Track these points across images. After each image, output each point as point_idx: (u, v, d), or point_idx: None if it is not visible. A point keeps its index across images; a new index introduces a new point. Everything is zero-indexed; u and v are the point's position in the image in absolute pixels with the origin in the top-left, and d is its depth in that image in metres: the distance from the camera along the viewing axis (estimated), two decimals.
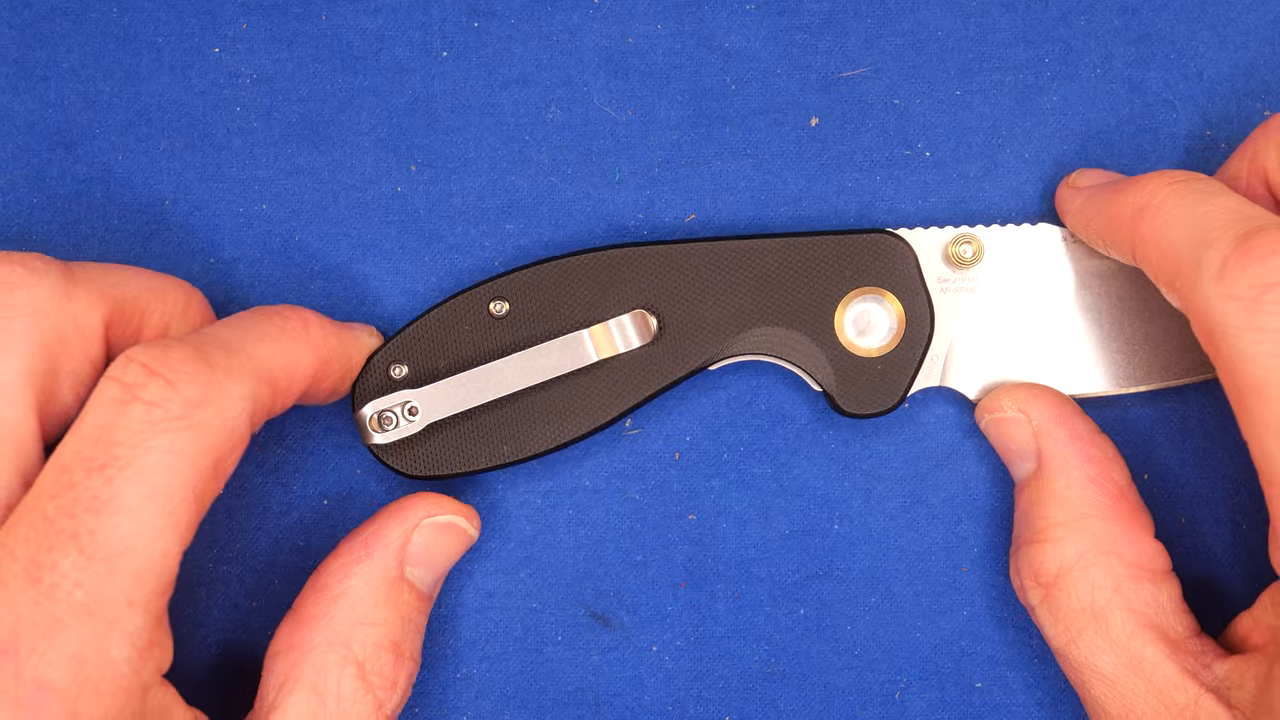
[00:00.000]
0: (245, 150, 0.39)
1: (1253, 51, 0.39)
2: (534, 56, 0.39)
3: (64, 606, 0.29)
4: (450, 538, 0.36)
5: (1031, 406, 0.36)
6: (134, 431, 0.30)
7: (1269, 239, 0.30)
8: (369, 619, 0.34)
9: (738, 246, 0.37)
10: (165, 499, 0.29)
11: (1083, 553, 0.35)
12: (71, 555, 0.29)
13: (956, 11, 0.39)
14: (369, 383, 0.37)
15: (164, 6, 0.39)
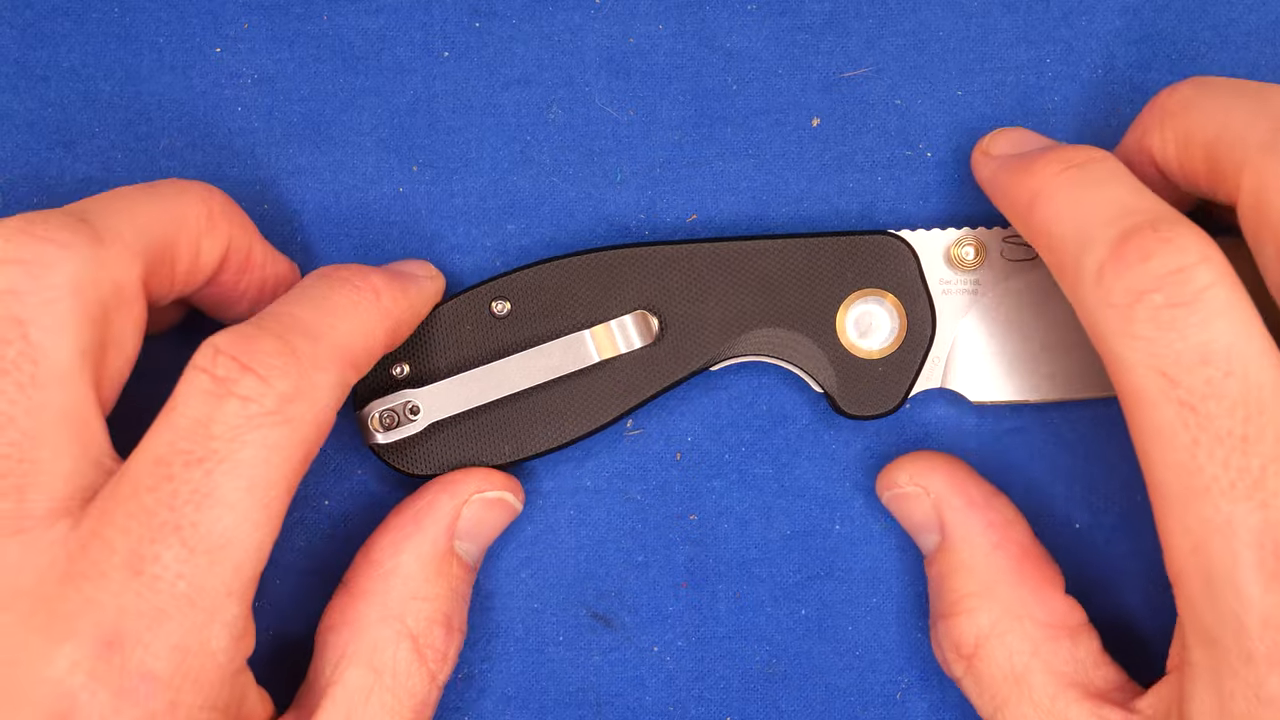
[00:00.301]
0: (246, 150, 0.39)
1: (1254, 52, 0.39)
2: (535, 57, 0.39)
3: (167, 598, 0.29)
4: (498, 512, 0.37)
5: (927, 479, 0.36)
6: (230, 426, 0.30)
7: (1143, 241, 0.30)
8: (421, 593, 0.35)
9: (739, 247, 0.37)
10: (262, 492, 0.30)
11: (996, 621, 0.34)
12: (174, 547, 0.29)
13: (958, 12, 0.39)
14: (370, 381, 0.37)
15: (165, 6, 0.39)
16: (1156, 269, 0.29)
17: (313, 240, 0.39)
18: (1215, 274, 0.29)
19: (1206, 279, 0.29)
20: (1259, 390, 0.29)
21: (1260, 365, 0.29)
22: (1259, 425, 0.29)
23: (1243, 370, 0.29)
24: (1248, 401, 0.29)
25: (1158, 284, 0.29)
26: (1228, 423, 0.29)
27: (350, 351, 0.33)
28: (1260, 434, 0.29)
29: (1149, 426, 0.30)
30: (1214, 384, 0.29)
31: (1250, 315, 0.29)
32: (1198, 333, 0.29)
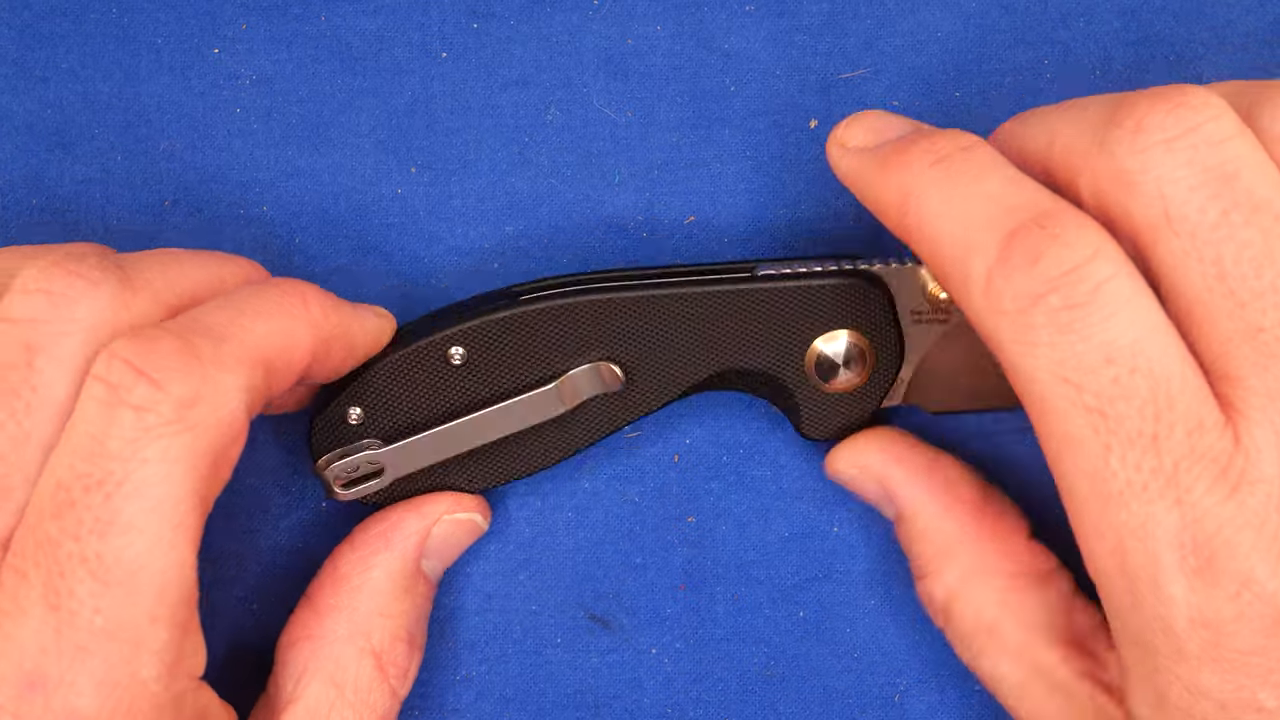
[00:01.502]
0: (245, 152, 0.39)
1: (1252, 54, 0.39)
2: (533, 58, 0.39)
3: (86, 634, 0.28)
4: (465, 531, 0.37)
5: (865, 457, 0.36)
6: (126, 441, 0.28)
7: (1030, 241, 0.28)
8: (387, 611, 0.35)
9: (705, 294, 0.36)
10: (170, 510, 0.29)
11: (962, 577, 0.35)
12: (85, 581, 0.28)
13: (956, 13, 0.39)
14: (326, 428, 0.36)
15: (163, 7, 0.39)
16: (1048, 270, 0.28)
17: (310, 242, 0.39)
18: (1112, 266, 0.28)
19: (1103, 273, 0.28)
20: (1166, 384, 0.28)
21: (1165, 357, 0.28)
22: (1168, 422, 0.28)
23: (1148, 365, 0.28)
24: (1156, 398, 0.28)
25: (1051, 286, 0.28)
26: (1138, 423, 0.28)
27: (262, 353, 0.31)
28: (1170, 430, 0.28)
29: (1058, 435, 0.29)
30: (1121, 383, 0.28)
31: (1151, 303, 0.28)
32: (1100, 332, 0.28)
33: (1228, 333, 0.28)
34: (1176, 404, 0.28)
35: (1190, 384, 0.28)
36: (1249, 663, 0.28)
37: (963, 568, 0.35)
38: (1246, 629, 0.28)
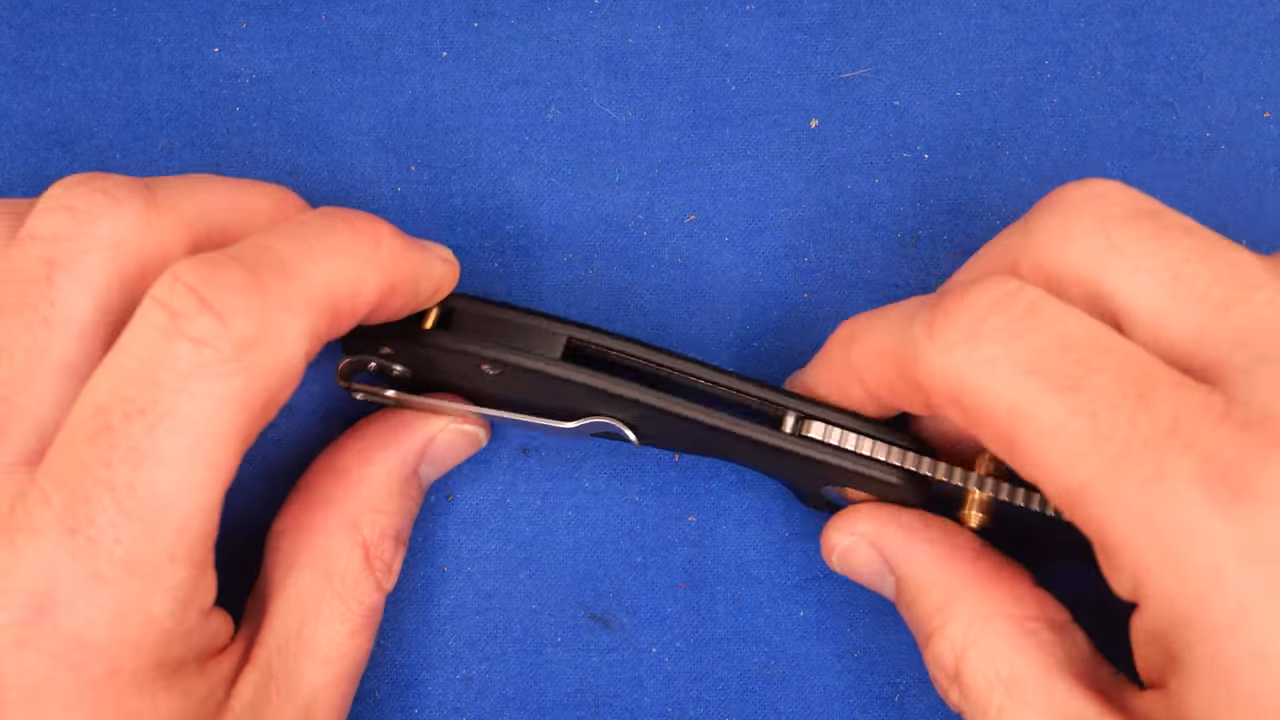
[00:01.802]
0: (245, 150, 0.39)
1: (1253, 53, 0.39)
2: (534, 57, 0.39)
3: (103, 562, 0.27)
4: (467, 443, 0.37)
5: (857, 526, 0.35)
6: (179, 374, 0.27)
7: (955, 295, 0.29)
8: (382, 507, 0.35)
9: (744, 439, 0.35)
10: (209, 448, 0.27)
11: (968, 628, 0.32)
12: (110, 510, 0.27)
13: (957, 12, 0.39)
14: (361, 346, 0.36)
15: (163, 6, 0.39)
16: (981, 299, 0.28)
17: None
18: (1039, 290, 0.28)
19: (1034, 293, 0.28)
20: (1136, 357, 0.27)
21: (1123, 342, 0.28)
22: (1151, 381, 0.27)
23: (1109, 344, 0.28)
24: (1129, 366, 0.27)
25: (990, 309, 0.28)
26: (1118, 387, 0.27)
27: (330, 297, 0.30)
28: (1155, 387, 0.27)
29: (1040, 434, 0.27)
30: (1087, 362, 0.27)
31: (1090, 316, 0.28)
32: (1051, 328, 0.28)
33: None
34: (1152, 369, 0.27)
35: (1158, 362, 0.28)
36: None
37: (969, 614, 0.32)
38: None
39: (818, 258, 0.39)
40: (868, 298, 0.39)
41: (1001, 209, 0.39)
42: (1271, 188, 0.39)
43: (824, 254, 0.39)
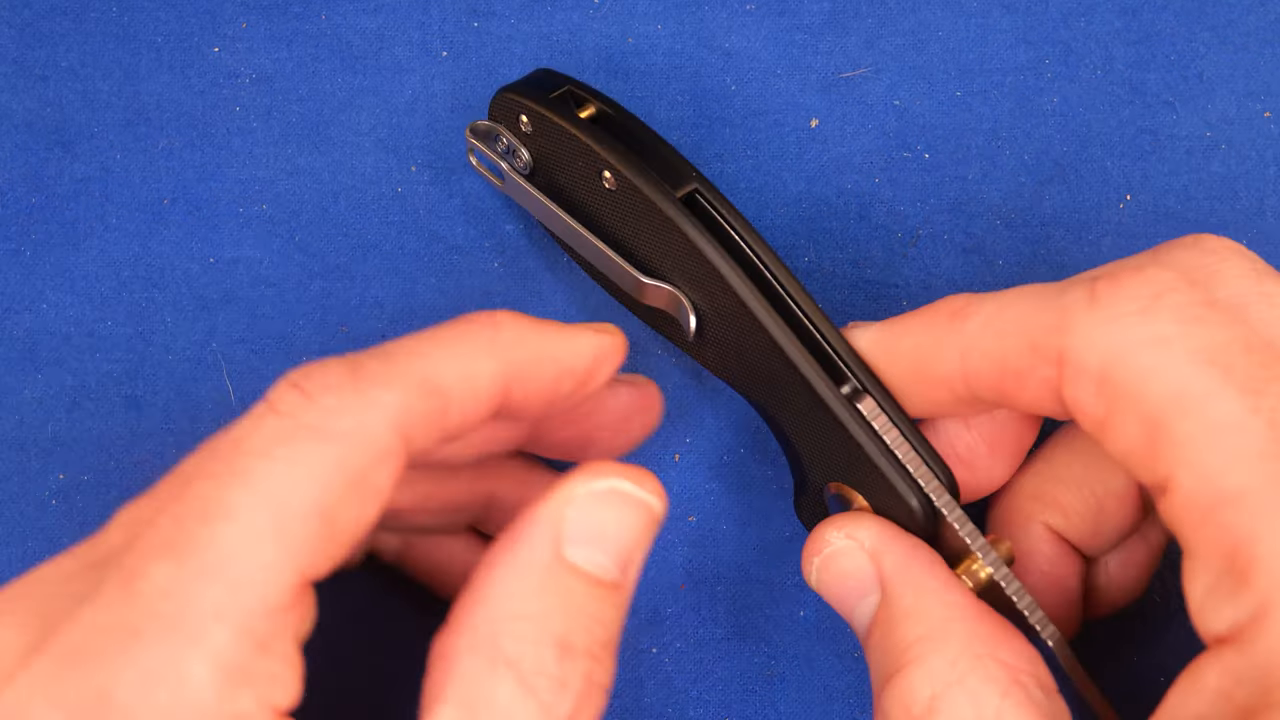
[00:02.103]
0: (245, 150, 0.39)
1: (1253, 53, 0.39)
2: (534, 56, 0.39)
3: (145, 616, 0.25)
4: (619, 508, 0.30)
5: (859, 531, 0.31)
6: (262, 441, 0.26)
7: (1128, 268, 0.27)
8: (520, 612, 0.28)
9: (817, 400, 0.33)
10: (278, 508, 0.26)
11: (954, 662, 0.29)
12: (166, 563, 0.26)
13: (957, 12, 0.39)
14: (501, 109, 0.34)
15: (163, 5, 0.39)
16: (1162, 275, 0.27)
17: (310, 240, 0.39)
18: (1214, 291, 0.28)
19: (1214, 289, 0.28)
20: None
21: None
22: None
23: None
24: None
25: (1171, 286, 0.27)
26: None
27: (431, 375, 0.28)
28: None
29: (1202, 428, 0.26)
30: (1271, 366, 0.26)
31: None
32: (1235, 323, 0.26)
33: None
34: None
35: None
36: None
37: (959, 650, 0.29)
38: None
39: (818, 257, 0.39)
40: (868, 297, 0.39)
41: (1002, 208, 0.39)
42: (1272, 187, 0.39)
43: (824, 254, 0.39)
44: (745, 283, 0.32)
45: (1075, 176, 0.39)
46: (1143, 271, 0.27)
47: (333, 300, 0.39)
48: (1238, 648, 0.26)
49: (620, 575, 0.29)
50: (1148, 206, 0.39)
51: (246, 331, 0.39)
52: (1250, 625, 0.26)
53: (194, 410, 0.39)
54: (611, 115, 0.34)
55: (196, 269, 0.39)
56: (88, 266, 0.39)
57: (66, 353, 0.39)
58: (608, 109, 0.34)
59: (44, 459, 0.39)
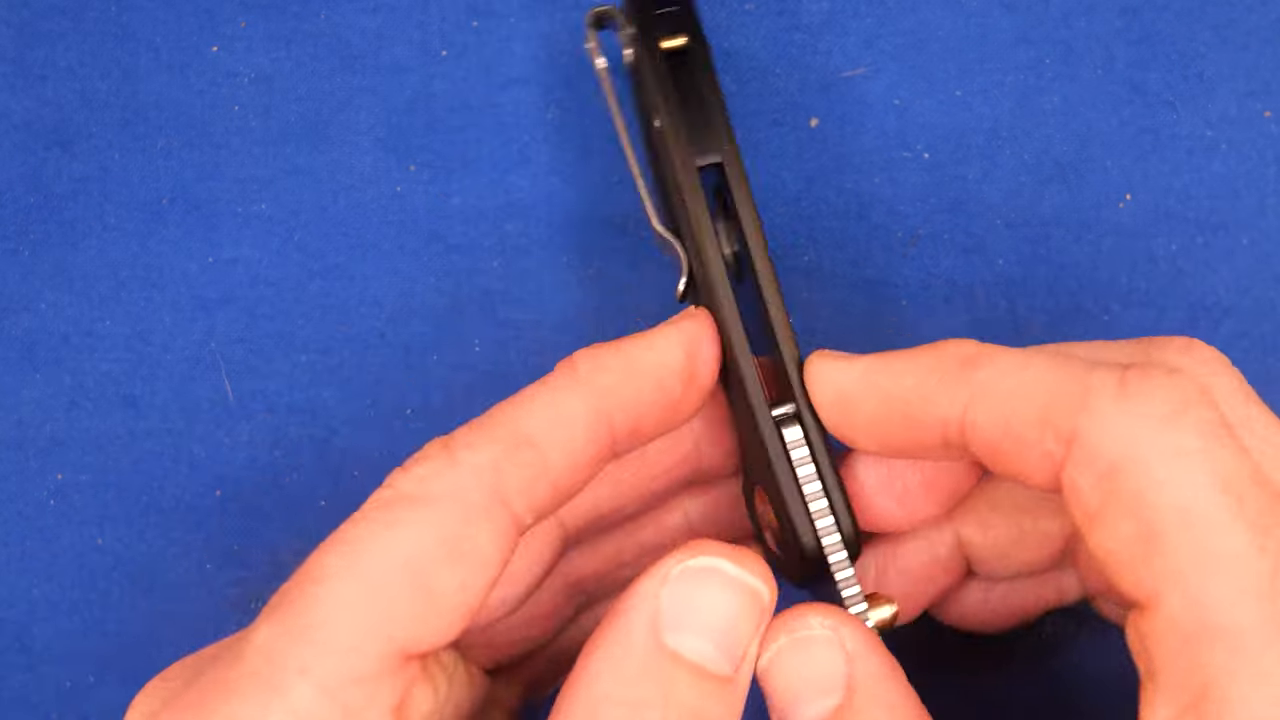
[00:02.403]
0: (243, 149, 0.39)
1: (1254, 52, 0.39)
2: (534, 56, 0.39)
3: (242, 673, 0.26)
4: (718, 590, 0.28)
5: (843, 628, 0.29)
6: (363, 511, 0.27)
7: (1157, 367, 0.26)
8: (616, 697, 0.27)
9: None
10: (368, 571, 0.26)
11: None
12: (267, 625, 0.26)
13: (957, 11, 0.39)
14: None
15: (162, 5, 0.39)
16: (1192, 384, 0.26)
17: (309, 240, 0.39)
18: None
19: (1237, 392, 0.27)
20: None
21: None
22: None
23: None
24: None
25: (1199, 400, 0.26)
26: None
27: (521, 432, 0.28)
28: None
29: (1205, 554, 0.25)
30: (1276, 509, 0.25)
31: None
32: (1246, 453, 0.25)
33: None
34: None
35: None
36: None
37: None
38: None
39: (817, 257, 0.39)
40: (867, 297, 0.39)
41: (1002, 208, 0.39)
42: (1273, 187, 0.39)
43: (823, 253, 0.39)
44: (722, 277, 0.31)
45: (1075, 176, 0.39)
46: (1175, 376, 0.26)
47: (331, 300, 0.39)
48: None
49: (729, 668, 0.28)
50: (1148, 206, 0.39)
51: (245, 331, 0.39)
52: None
53: (192, 410, 0.39)
54: (694, 53, 0.32)
55: (195, 268, 0.39)
56: (86, 266, 0.39)
57: (65, 352, 0.39)
58: (697, 46, 0.32)
59: (42, 459, 0.38)
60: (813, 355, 0.31)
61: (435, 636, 0.27)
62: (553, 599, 0.35)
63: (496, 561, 0.27)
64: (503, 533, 0.28)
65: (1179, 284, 0.39)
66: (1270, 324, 0.38)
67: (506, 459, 0.28)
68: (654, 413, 0.30)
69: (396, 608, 0.26)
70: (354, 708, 0.26)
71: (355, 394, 0.38)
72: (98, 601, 0.39)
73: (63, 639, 0.38)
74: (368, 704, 0.26)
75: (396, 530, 0.27)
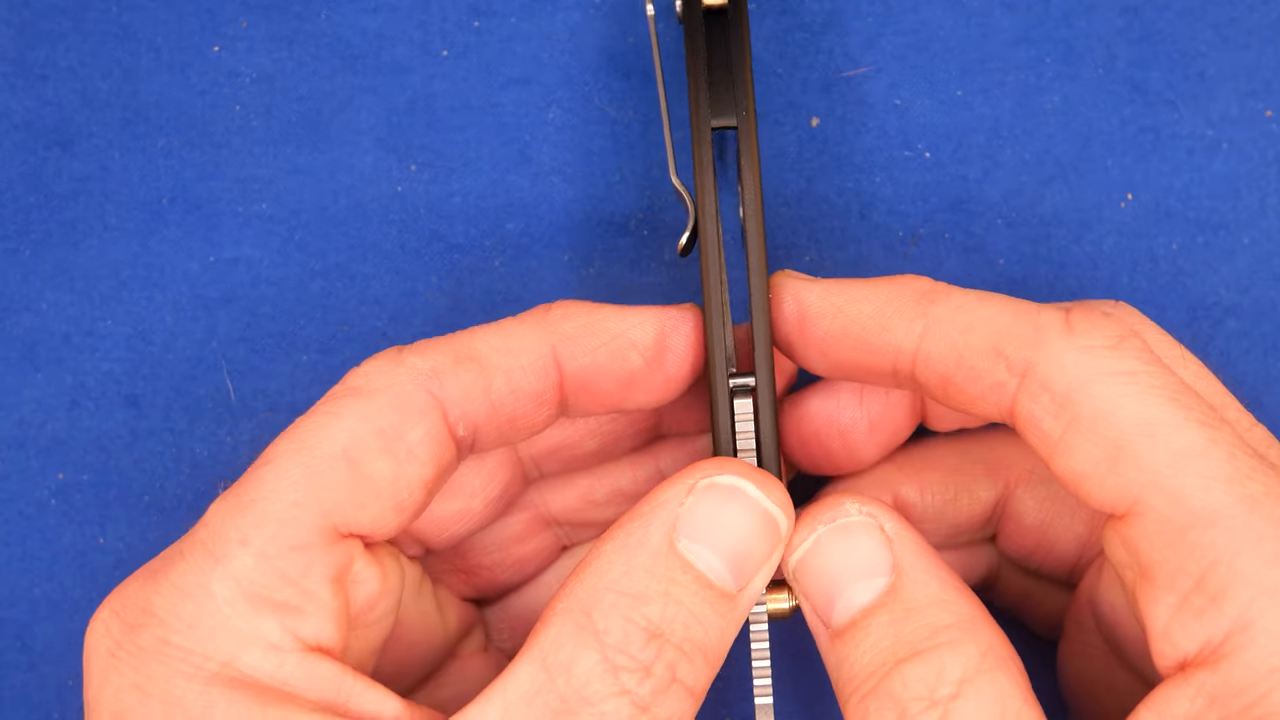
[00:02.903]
0: (244, 149, 0.39)
1: (1255, 51, 0.39)
2: (534, 56, 0.39)
3: (190, 544, 0.29)
4: (739, 512, 0.29)
5: (878, 511, 0.30)
6: (314, 406, 0.30)
7: (1092, 306, 0.30)
8: (619, 586, 0.28)
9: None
10: (308, 453, 0.29)
11: (985, 654, 0.28)
12: (216, 503, 0.29)
13: (958, 11, 0.39)
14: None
15: (163, 5, 0.39)
16: (1125, 320, 0.29)
17: (310, 240, 0.39)
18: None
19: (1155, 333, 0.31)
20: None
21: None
22: (1266, 444, 0.30)
23: (1220, 403, 0.30)
24: (1241, 427, 0.30)
25: (1133, 332, 0.29)
26: (1241, 439, 0.28)
27: (470, 348, 0.30)
28: (1266, 453, 0.30)
29: (1169, 454, 0.27)
30: (1217, 412, 0.28)
31: None
32: (1174, 376, 0.28)
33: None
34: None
35: None
36: None
37: (988, 645, 0.28)
38: None
39: (818, 256, 0.39)
40: None
41: (1003, 207, 0.39)
42: (1274, 187, 0.39)
43: (825, 253, 0.39)
44: (716, 233, 0.32)
45: (1076, 176, 0.39)
46: (1110, 315, 0.29)
47: (333, 299, 0.39)
48: (1212, 667, 0.26)
49: (734, 587, 0.29)
50: (1149, 206, 0.39)
51: (246, 331, 0.39)
52: (1226, 642, 0.26)
53: (194, 410, 0.39)
54: (734, 16, 0.33)
55: (196, 268, 0.39)
56: (87, 266, 0.39)
57: (66, 352, 0.39)
58: (738, 10, 0.33)
59: (43, 458, 0.39)
60: (778, 272, 0.32)
61: (371, 520, 0.29)
62: (527, 528, 0.36)
63: (429, 460, 0.30)
64: (435, 434, 0.30)
65: (1180, 283, 0.39)
66: (1271, 323, 0.39)
67: (448, 368, 0.30)
68: (608, 379, 0.31)
69: (332, 487, 0.29)
70: (291, 574, 0.28)
71: None
72: (99, 601, 0.38)
73: (64, 638, 0.38)
74: (304, 571, 0.28)
75: (338, 419, 0.29)
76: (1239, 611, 0.26)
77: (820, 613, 0.30)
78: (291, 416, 0.38)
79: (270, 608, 0.28)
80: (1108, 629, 0.33)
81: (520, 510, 0.36)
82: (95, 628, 0.29)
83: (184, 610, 0.28)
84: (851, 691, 0.29)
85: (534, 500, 0.36)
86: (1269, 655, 0.26)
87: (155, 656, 0.27)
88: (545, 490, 0.36)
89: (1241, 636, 0.26)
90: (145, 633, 0.28)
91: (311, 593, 0.28)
